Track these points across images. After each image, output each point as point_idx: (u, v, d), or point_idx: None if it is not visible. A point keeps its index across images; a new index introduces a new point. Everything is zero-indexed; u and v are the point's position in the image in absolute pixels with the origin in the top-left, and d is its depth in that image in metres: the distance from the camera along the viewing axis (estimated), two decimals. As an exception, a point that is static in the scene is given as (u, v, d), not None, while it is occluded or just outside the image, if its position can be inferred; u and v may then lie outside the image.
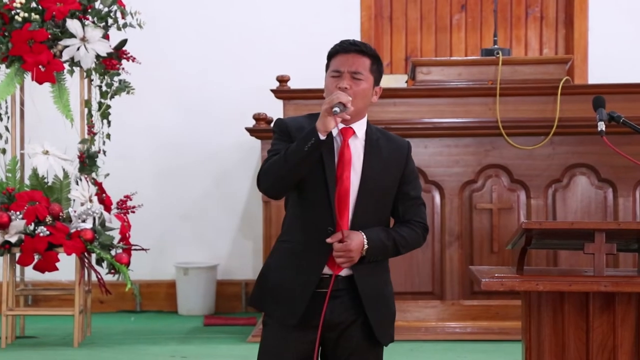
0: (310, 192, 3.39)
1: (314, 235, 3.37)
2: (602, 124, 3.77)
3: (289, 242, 3.47)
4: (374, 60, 3.44)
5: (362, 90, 3.39)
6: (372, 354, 3.48)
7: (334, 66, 3.41)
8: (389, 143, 3.49)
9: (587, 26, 8.22)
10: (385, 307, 3.47)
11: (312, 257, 3.38)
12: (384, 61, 8.32)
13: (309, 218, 3.40)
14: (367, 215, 3.40)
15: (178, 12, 8.23)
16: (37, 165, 6.41)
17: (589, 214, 6.42)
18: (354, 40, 3.45)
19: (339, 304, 3.39)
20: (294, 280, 3.39)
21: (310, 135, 3.26)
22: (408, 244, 3.48)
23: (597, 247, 3.35)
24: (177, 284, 7.98)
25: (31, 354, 6.14)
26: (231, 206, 8.14)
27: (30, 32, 6.30)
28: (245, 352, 6.10)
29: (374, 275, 3.44)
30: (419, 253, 6.38)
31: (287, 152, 3.30)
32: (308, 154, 3.27)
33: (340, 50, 3.42)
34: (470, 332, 6.39)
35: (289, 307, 3.39)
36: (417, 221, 3.50)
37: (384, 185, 3.44)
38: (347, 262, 3.34)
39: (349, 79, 3.37)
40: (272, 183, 3.39)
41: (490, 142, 6.46)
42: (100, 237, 6.26)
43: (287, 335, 3.40)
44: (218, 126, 8.09)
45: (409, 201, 3.50)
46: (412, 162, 3.53)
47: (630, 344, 3.44)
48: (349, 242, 3.32)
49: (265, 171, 3.38)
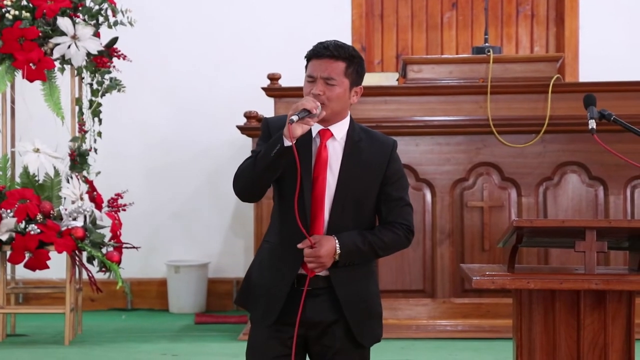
0: (287, 194, 3.37)
1: (290, 237, 3.36)
2: (593, 122, 3.78)
3: (268, 242, 3.49)
4: (349, 63, 3.38)
5: (336, 95, 3.35)
6: (356, 354, 3.45)
7: (308, 71, 3.39)
8: (372, 143, 3.45)
9: (578, 24, 8.23)
10: (366, 308, 3.43)
11: (287, 259, 3.38)
12: (375, 59, 8.37)
13: (285, 220, 3.40)
14: (344, 218, 3.37)
15: (170, 10, 8.22)
16: (28, 163, 6.40)
17: (580, 212, 6.42)
18: (327, 44, 3.39)
19: (319, 302, 3.38)
20: (272, 280, 3.41)
21: (276, 141, 3.25)
22: (387, 246, 3.43)
23: (588, 245, 3.36)
24: (168, 282, 7.97)
25: (22, 352, 6.13)
26: (222, 204, 8.13)
27: (21, 30, 6.29)
28: (236, 350, 6.10)
29: (353, 277, 3.41)
30: (410, 251, 6.39)
31: (257, 157, 3.31)
32: (274, 160, 3.26)
33: (313, 55, 3.38)
34: (461, 330, 6.40)
35: (266, 307, 3.41)
36: (400, 223, 3.43)
37: (364, 187, 3.40)
38: (318, 267, 3.33)
39: (322, 84, 3.34)
40: (242, 187, 3.40)
41: (481, 140, 6.46)
42: (91, 235, 6.25)
43: (268, 333, 3.41)
44: (209, 124, 8.09)
45: (392, 202, 3.44)
46: (396, 162, 3.47)
47: (620, 341, 3.45)
48: (318, 249, 3.30)
49: (237, 175, 3.39)
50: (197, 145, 8.13)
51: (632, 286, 3.35)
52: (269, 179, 3.35)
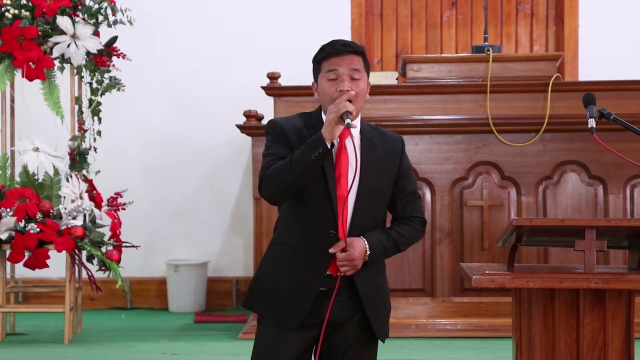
0: (309, 195, 3.36)
1: (314, 239, 3.35)
2: (593, 121, 3.77)
3: (285, 244, 3.44)
4: (364, 58, 3.44)
5: (362, 90, 3.39)
6: (368, 350, 3.48)
7: (329, 69, 3.38)
8: (383, 140, 3.48)
9: (578, 23, 8.23)
10: (382, 303, 3.48)
11: (313, 261, 3.36)
12: (375, 58, 8.38)
13: (307, 221, 3.38)
14: (365, 217, 3.39)
15: (169, 9, 8.22)
16: (27, 162, 6.40)
17: (580, 211, 6.42)
18: (344, 41, 3.43)
19: (337, 301, 3.37)
20: (294, 283, 3.37)
21: (317, 143, 3.25)
22: (408, 241, 3.49)
23: (588, 244, 3.36)
24: (168, 281, 7.97)
25: (21, 351, 6.13)
26: (222, 203, 8.13)
27: (21, 29, 6.28)
28: (235, 349, 6.10)
29: (372, 274, 3.44)
30: (410, 250, 6.28)
31: (293, 160, 3.28)
32: (315, 162, 3.26)
33: (334, 52, 3.39)
34: (460, 329, 6.40)
35: (288, 310, 3.37)
36: (415, 216, 3.50)
37: (381, 183, 3.43)
38: (351, 269, 3.34)
39: (349, 80, 3.36)
40: (276, 190, 3.36)
41: (480, 139, 6.46)
42: (90, 234, 6.25)
43: (283, 335, 3.39)
44: (209, 123, 8.08)
45: (406, 197, 3.49)
46: (406, 157, 3.53)
47: (620, 340, 3.45)
48: (352, 252, 3.31)
49: (269, 177, 3.34)
50: (197, 144, 8.13)
51: (631, 285, 3.35)
52: (306, 182, 3.33)
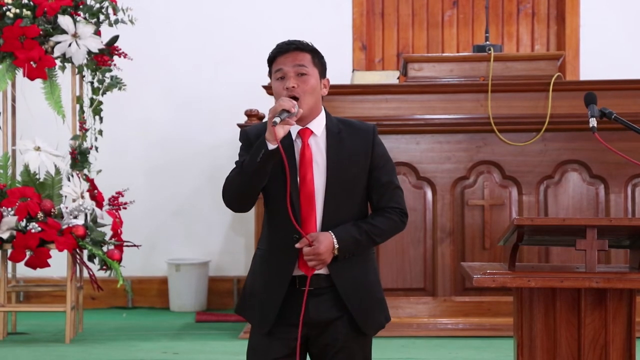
0: (274, 199, 3.38)
1: (281, 241, 3.36)
2: (594, 120, 3.77)
3: (260, 249, 3.49)
4: (313, 54, 3.42)
5: (310, 87, 3.36)
6: (361, 344, 3.44)
7: (276, 68, 3.40)
8: (353, 131, 3.44)
9: (579, 22, 8.23)
10: (368, 296, 3.43)
11: (280, 264, 3.37)
12: (376, 58, 8.37)
13: (274, 225, 3.41)
14: (338, 212, 3.36)
15: (170, 8, 8.22)
16: (28, 162, 6.40)
17: (581, 211, 6.42)
18: (288, 40, 3.44)
19: (322, 301, 3.37)
20: (265, 287, 3.40)
21: (260, 146, 3.24)
22: (384, 233, 3.43)
23: (589, 244, 3.36)
24: (169, 280, 7.97)
25: (23, 350, 6.13)
26: (223, 202, 8.11)
27: (22, 28, 6.29)
28: (237, 349, 6.10)
29: (351, 269, 3.39)
30: (411, 249, 6.40)
31: (243, 165, 3.30)
32: (261, 165, 3.25)
33: (279, 52, 3.41)
34: (462, 329, 6.40)
35: (261, 314, 3.40)
36: (392, 207, 3.43)
37: (352, 177, 3.39)
38: (319, 264, 3.32)
39: (295, 78, 3.35)
40: (231, 197, 3.40)
41: (482, 139, 6.46)
42: (92, 233, 6.25)
43: (269, 335, 3.39)
44: (210, 122, 8.09)
45: (382, 187, 3.43)
46: (379, 146, 3.45)
47: (621, 340, 3.45)
48: (318, 246, 3.29)
49: (225, 186, 3.40)
50: (198, 144, 8.13)
51: (632, 284, 3.35)
52: (258, 186, 3.34)
